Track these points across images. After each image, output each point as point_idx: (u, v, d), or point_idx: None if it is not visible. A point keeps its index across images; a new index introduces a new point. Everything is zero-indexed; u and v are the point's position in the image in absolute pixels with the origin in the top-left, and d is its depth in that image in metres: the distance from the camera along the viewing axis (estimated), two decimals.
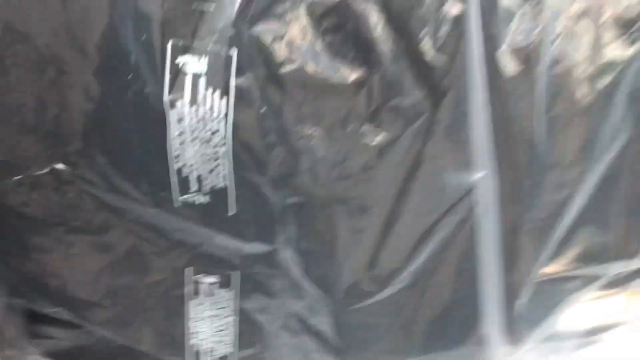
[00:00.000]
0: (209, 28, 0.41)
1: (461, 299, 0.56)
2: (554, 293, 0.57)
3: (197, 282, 0.62)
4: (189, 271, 0.61)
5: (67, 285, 0.58)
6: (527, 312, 0.56)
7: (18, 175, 0.51)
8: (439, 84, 0.47)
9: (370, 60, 0.45)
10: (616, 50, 0.48)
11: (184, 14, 0.41)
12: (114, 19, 0.42)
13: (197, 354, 0.67)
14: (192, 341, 0.66)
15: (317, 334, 0.61)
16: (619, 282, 0.58)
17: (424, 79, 0.46)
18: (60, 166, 0.51)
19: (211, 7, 0.41)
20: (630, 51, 0.48)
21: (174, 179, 0.50)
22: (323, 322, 0.59)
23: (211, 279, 0.62)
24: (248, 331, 0.63)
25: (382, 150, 0.49)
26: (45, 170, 0.51)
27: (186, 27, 0.41)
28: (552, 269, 0.56)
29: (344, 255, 0.53)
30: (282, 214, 0.51)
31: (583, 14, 0.47)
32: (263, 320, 0.61)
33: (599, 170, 0.52)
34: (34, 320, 0.64)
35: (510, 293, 0.55)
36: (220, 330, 0.65)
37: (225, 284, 0.62)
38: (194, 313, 0.64)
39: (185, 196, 0.52)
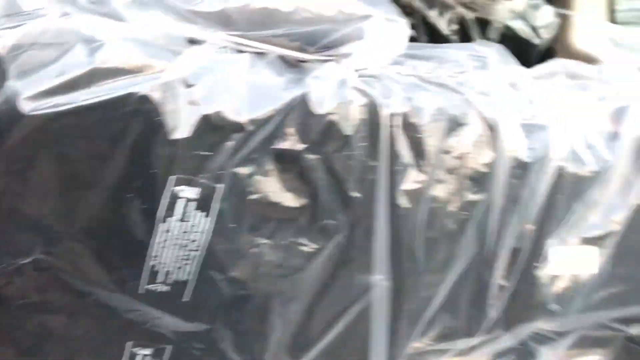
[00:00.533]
0: (204, 168, 0.56)
1: None
2: None
3: (133, 354, 0.72)
4: (128, 344, 0.71)
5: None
6: None
7: (3, 264, 0.59)
8: (356, 212, 0.65)
9: (311, 193, 0.63)
10: (470, 196, 0.71)
11: (188, 157, 0.55)
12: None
13: None
14: None
15: None
16: (464, 352, 0.80)
17: (346, 207, 0.65)
18: (41, 256, 0.61)
19: (208, 152, 0.55)
20: (478, 197, 0.71)
21: (145, 273, 0.62)
22: None
23: (146, 351, 0.73)
24: None
25: (312, 257, 0.65)
26: (29, 260, 0.60)
27: (188, 166, 0.55)
28: (419, 344, 0.76)
29: (272, 335, 0.68)
30: (230, 302, 0.65)
31: (452, 169, 0.69)
32: None
33: (454, 275, 0.74)
34: None
35: None
36: None
37: (157, 355, 0.73)
38: None
39: (150, 285, 0.63)
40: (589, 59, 1.03)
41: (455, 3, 1.68)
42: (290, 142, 0.59)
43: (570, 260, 0.79)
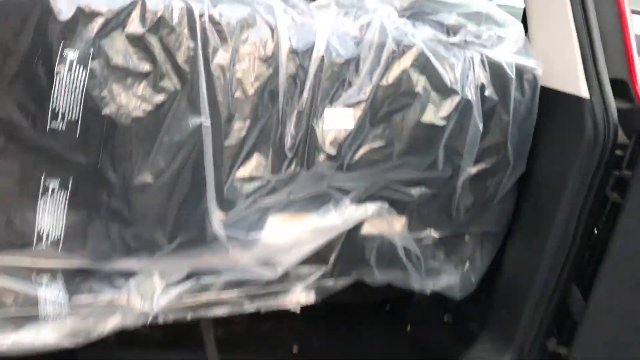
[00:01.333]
0: (81, 38, 0.95)
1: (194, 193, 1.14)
2: (240, 186, 1.17)
3: (46, 186, 1.09)
4: (42, 177, 1.07)
5: None
6: (229, 195, 1.15)
7: None
8: (184, 76, 1.05)
9: (153, 62, 1.03)
10: (264, 71, 1.12)
11: (70, 31, 0.94)
12: None
13: (39, 235, 1.12)
14: (38, 227, 1.11)
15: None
16: (277, 188, 1.22)
17: (177, 72, 1.05)
18: None
19: (83, 27, 0.95)
20: (268, 72, 1.13)
21: (49, 114, 0.99)
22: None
23: (55, 183, 1.09)
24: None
25: (159, 105, 1.05)
26: None
27: (70, 37, 0.94)
28: (239, 174, 1.17)
29: (135, 158, 1.07)
30: (106, 135, 1.04)
31: (248, 53, 1.11)
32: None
33: (258, 127, 1.15)
34: None
35: (219, 185, 1.14)
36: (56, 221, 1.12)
37: (64, 186, 1.10)
38: (41, 207, 1.10)
39: (52, 124, 1.01)
40: None
41: None
42: (135, 26, 0.99)
43: (337, 117, 1.22)
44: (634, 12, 1.72)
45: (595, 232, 1.51)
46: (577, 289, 1.52)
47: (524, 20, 1.70)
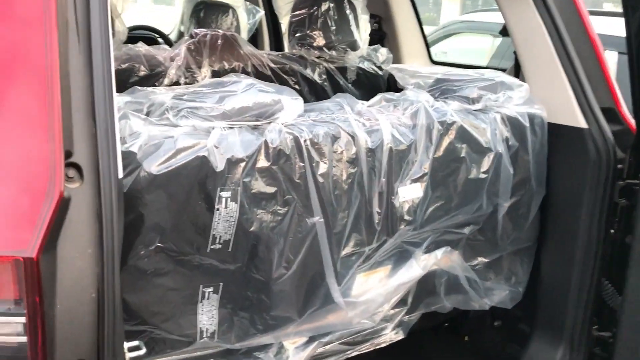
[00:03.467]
0: (231, 181, 1.25)
1: (317, 274, 1.44)
2: (346, 261, 1.48)
3: (203, 292, 1.38)
4: (200, 286, 1.37)
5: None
6: (341, 270, 1.46)
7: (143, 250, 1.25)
8: (299, 190, 1.36)
9: (277, 184, 1.34)
10: (350, 170, 1.44)
11: (224, 177, 1.25)
12: None
13: (201, 331, 1.41)
14: (199, 325, 1.40)
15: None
16: (371, 255, 1.53)
17: (294, 189, 1.36)
18: (159, 244, 1.26)
19: (230, 174, 1.26)
20: (354, 170, 1.45)
21: (210, 239, 1.29)
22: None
23: (210, 288, 1.39)
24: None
25: (283, 215, 1.36)
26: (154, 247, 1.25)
27: (224, 181, 1.25)
28: (344, 252, 1.47)
29: (273, 259, 1.37)
30: (250, 247, 1.34)
31: (339, 159, 1.43)
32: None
33: (353, 212, 1.46)
34: None
35: (334, 264, 1.45)
36: (211, 318, 1.41)
37: (216, 291, 1.39)
38: (200, 309, 1.39)
39: (212, 246, 1.30)
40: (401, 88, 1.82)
41: (320, 60, 2.47)
42: (263, 162, 1.30)
43: (408, 192, 1.54)
44: (592, 13, 2.07)
45: (612, 232, 1.85)
46: (607, 282, 1.86)
47: (517, 71, 2.06)
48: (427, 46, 2.87)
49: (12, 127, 0.98)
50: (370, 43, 2.71)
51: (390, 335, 1.78)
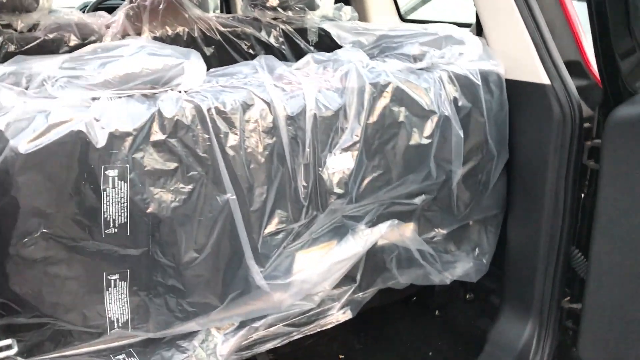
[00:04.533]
0: (117, 158, 1.12)
1: (234, 256, 1.31)
2: (270, 240, 1.35)
3: (109, 280, 1.26)
4: (104, 274, 1.25)
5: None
6: (263, 250, 1.33)
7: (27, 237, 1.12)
8: (206, 164, 1.23)
9: (177, 160, 1.20)
10: (267, 141, 1.30)
11: (107, 154, 1.11)
12: None
13: (111, 321, 1.29)
14: (108, 315, 1.29)
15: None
16: (299, 233, 1.39)
17: (200, 163, 1.22)
18: (44, 230, 1.14)
19: (116, 150, 1.12)
20: (272, 140, 1.30)
21: (102, 223, 1.17)
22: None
23: (115, 276, 1.27)
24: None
25: (189, 193, 1.22)
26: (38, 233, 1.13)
27: (108, 158, 1.11)
28: (267, 230, 1.34)
29: (180, 242, 1.24)
30: (152, 228, 1.21)
31: (252, 129, 1.28)
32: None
33: (274, 186, 1.33)
34: None
35: (254, 245, 1.32)
36: (122, 307, 1.29)
37: (123, 278, 1.27)
38: (107, 298, 1.27)
39: (106, 230, 1.18)
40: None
41: (277, 22, 2.30)
42: (157, 135, 1.16)
43: (338, 162, 1.40)
44: None
45: (582, 197, 1.69)
46: (577, 250, 1.71)
47: (479, 27, 1.88)
48: (396, 2, 2.68)
49: None
50: (335, 2, 2.53)
51: (338, 316, 1.65)
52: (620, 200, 1.50)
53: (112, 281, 1.26)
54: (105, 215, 1.16)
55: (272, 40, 2.33)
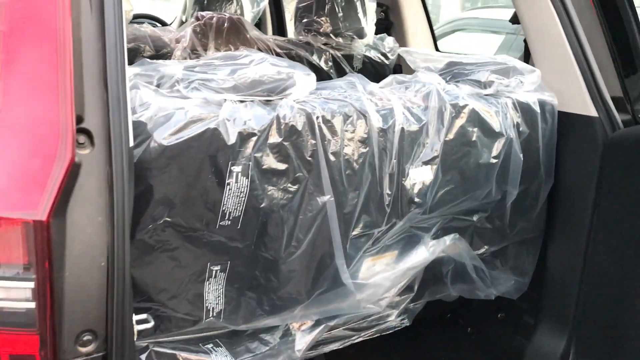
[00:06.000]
0: (242, 155, 1.23)
1: (326, 254, 1.42)
2: (355, 243, 1.46)
3: (211, 270, 1.35)
4: (208, 264, 1.34)
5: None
6: (350, 251, 1.44)
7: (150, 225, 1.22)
8: (311, 167, 1.34)
9: (289, 161, 1.31)
10: (361, 150, 1.42)
11: (235, 151, 1.22)
12: None
13: (207, 310, 1.38)
14: (205, 304, 1.37)
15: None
16: (380, 237, 1.51)
17: (306, 165, 1.33)
18: (167, 218, 1.23)
19: (242, 148, 1.23)
20: (365, 150, 1.42)
21: (219, 215, 1.26)
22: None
23: (217, 267, 1.36)
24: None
25: (294, 192, 1.33)
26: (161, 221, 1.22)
27: (235, 155, 1.22)
28: (354, 232, 1.45)
29: (282, 237, 1.35)
30: (260, 224, 1.31)
31: (350, 138, 1.40)
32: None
33: (363, 192, 1.44)
34: None
35: (344, 245, 1.42)
36: (218, 297, 1.39)
37: (223, 269, 1.37)
38: (207, 288, 1.36)
39: (221, 222, 1.28)
40: (411, 70, 1.79)
41: (327, 47, 2.45)
42: (275, 137, 1.28)
43: (419, 174, 1.52)
44: None
45: None
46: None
47: (527, 58, 2.04)
48: (434, 37, 2.85)
49: (23, 89, 0.95)
50: (376, 32, 2.69)
51: (396, 322, 1.75)
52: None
53: (214, 272, 1.35)
54: (224, 208, 1.26)
55: (322, 63, 2.47)
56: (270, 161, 1.29)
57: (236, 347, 1.46)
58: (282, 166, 1.31)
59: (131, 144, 1.06)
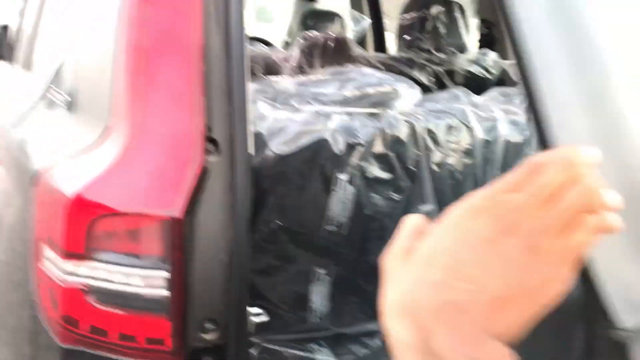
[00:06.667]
0: (349, 163, 1.30)
1: None
2: None
3: (318, 273, 1.44)
4: (315, 267, 1.42)
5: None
6: None
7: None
8: (414, 176, 1.39)
9: (392, 171, 1.37)
10: (465, 161, 1.45)
11: (342, 160, 1.30)
12: None
13: (312, 311, 1.46)
14: (311, 306, 1.45)
15: None
16: None
17: (408, 174, 1.39)
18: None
19: (349, 156, 1.31)
20: (469, 161, 1.45)
21: (325, 218, 1.35)
22: None
23: (323, 270, 1.44)
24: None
25: (397, 201, 1.39)
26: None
27: (342, 164, 1.30)
28: None
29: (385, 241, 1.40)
30: (365, 231, 1.38)
31: (454, 150, 1.44)
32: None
33: None
34: None
35: None
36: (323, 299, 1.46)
37: (329, 274, 1.44)
38: (312, 290, 1.44)
39: (326, 226, 1.36)
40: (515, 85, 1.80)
41: (429, 63, 2.48)
42: (380, 147, 1.35)
43: None
44: None
45: None
46: None
47: None
48: None
49: (164, 102, 1.08)
50: (480, 47, 2.69)
51: None
52: None
53: (320, 275, 1.43)
54: (330, 214, 1.34)
55: (424, 79, 2.51)
56: (375, 170, 1.36)
57: (339, 349, 1.52)
58: (386, 175, 1.37)
59: (252, 152, 1.16)
